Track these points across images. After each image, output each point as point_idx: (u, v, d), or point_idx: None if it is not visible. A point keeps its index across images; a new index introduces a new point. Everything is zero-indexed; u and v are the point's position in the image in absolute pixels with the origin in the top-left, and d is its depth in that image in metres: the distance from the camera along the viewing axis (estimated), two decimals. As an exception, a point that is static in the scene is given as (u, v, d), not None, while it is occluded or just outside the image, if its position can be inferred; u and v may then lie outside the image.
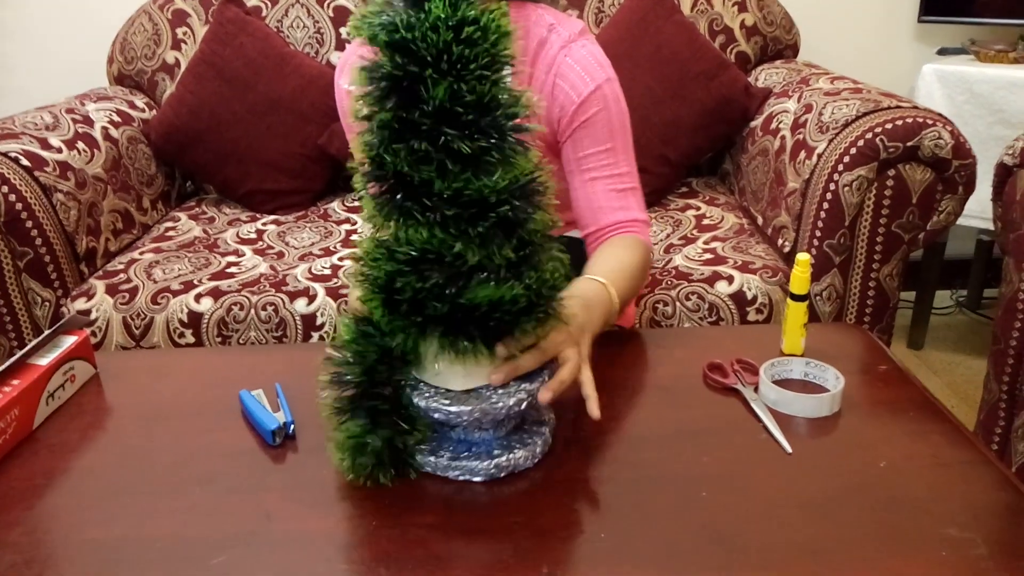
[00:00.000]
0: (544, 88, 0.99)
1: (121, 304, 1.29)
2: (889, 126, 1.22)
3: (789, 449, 0.75)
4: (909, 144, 1.21)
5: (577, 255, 0.96)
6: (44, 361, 0.85)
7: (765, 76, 1.73)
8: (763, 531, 0.64)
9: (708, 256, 1.36)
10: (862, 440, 0.76)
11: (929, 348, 2.02)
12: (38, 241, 1.28)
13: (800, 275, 0.90)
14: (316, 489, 0.70)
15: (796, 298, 0.90)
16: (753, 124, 1.63)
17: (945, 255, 2.02)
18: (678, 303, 1.26)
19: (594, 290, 0.86)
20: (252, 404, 0.82)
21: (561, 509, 0.67)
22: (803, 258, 0.90)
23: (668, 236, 1.48)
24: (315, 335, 1.27)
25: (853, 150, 1.24)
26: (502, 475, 0.70)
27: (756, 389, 0.84)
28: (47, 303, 1.31)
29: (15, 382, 0.80)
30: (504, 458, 0.70)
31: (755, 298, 1.27)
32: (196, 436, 0.79)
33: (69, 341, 0.89)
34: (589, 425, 0.78)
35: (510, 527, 0.65)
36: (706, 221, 1.54)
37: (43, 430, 0.82)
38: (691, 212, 1.60)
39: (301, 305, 1.28)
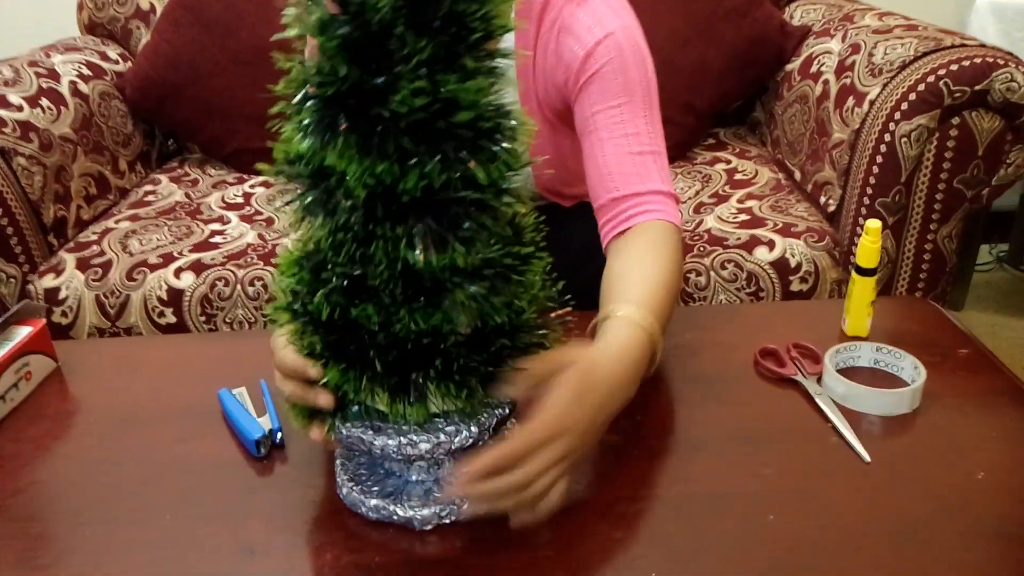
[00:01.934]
0: (549, 48, 0.84)
1: (94, 281, 1.17)
2: (954, 67, 1.07)
3: (867, 457, 0.63)
4: (977, 88, 1.07)
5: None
6: (-9, 358, 0.73)
7: (802, 13, 1.57)
8: (846, 568, 0.53)
9: (744, 217, 1.23)
10: (951, 444, 0.64)
11: (969, 309, 1.89)
12: (-2, 211, 1.15)
13: (870, 245, 0.77)
14: (307, 514, 0.60)
15: (864, 272, 0.78)
16: (789, 67, 1.48)
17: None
18: (712, 273, 1.14)
19: (629, 349, 0.62)
20: (233, 407, 0.70)
21: (598, 538, 0.56)
22: (874, 225, 0.77)
23: (697, 194, 1.35)
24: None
25: (912, 96, 1.09)
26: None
27: (819, 380, 0.72)
28: (12, 280, 1.19)
29: (-46, 385, 0.69)
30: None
31: (799, 266, 1.14)
32: (169, 446, 0.68)
33: (22, 333, 0.77)
34: (623, 428, 0.66)
35: (540, 565, 0.54)
36: (738, 176, 1.40)
37: (-8, 439, 0.70)
38: (720, 166, 1.45)
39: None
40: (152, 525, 0.59)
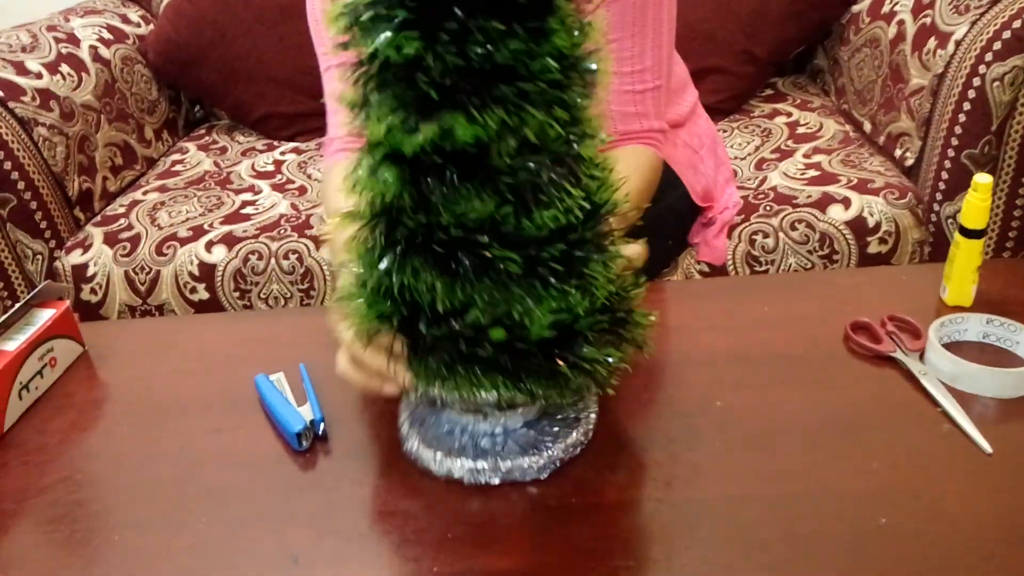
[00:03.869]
0: None
1: (122, 256, 1.12)
2: (1056, 0, 0.95)
3: (988, 448, 0.55)
4: (1083, 22, 0.95)
5: None
6: (12, 345, 0.68)
7: (869, -52, 1.43)
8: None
9: (813, 173, 1.13)
10: (1086, 432, 0.56)
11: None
12: (20, 185, 1.10)
13: (979, 203, 0.68)
14: (355, 515, 0.54)
15: (970, 233, 0.69)
16: (857, 8, 1.36)
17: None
18: (781, 234, 1.04)
19: None
20: (272, 396, 0.64)
21: (682, 542, 0.48)
22: (984, 181, 0.67)
23: (757, 149, 1.25)
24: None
25: (1006, 33, 0.98)
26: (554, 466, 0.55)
27: (921, 357, 0.64)
28: (39, 256, 1.14)
29: (-27, 375, 0.64)
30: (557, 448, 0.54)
31: (878, 225, 1.04)
32: (203, 437, 0.63)
33: (45, 316, 0.72)
34: (702, 415, 0.59)
35: (617, 575, 0.47)
36: (801, 129, 1.29)
37: (17, 431, 0.66)
38: (781, 119, 1.35)
39: (329, 252, 1.09)
40: (188, 530, 0.54)
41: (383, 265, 0.45)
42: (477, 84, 0.39)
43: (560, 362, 0.46)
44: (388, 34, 0.39)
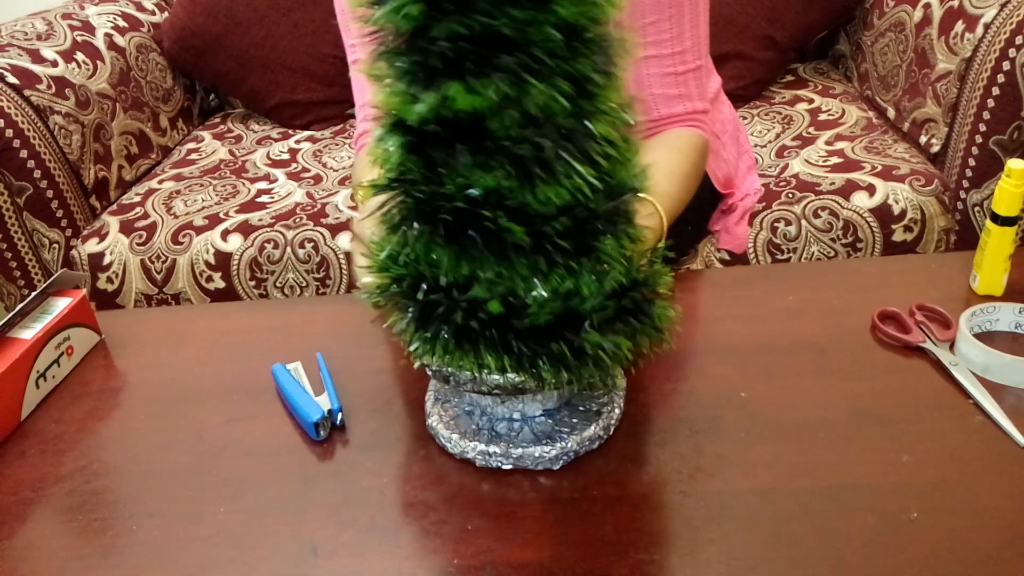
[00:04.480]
0: None
1: (138, 245, 1.12)
2: (1091, -20, 0.93)
3: (1022, 441, 0.53)
4: (1119, 3, 0.92)
5: None
6: (28, 334, 0.68)
7: (893, -70, 1.40)
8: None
9: (836, 160, 1.11)
10: (1125, 425, 0.54)
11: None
12: (36, 173, 1.10)
13: (1013, 189, 0.66)
14: (374, 505, 0.53)
15: (1003, 221, 0.67)
16: (881, -8, 1.33)
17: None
18: (803, 221, 1.02)
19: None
20: (289, 385, 0.64)
21: (706, 536, 0.47)
22: (1018, 166, 0.65)
23: (778, 136, 1.23)
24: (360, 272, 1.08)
25: (1038, 15, 0.95)
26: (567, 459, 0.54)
27: (951, 348, 0.62)
28: (56, 245, 1.14)
29: (-8, 364, 0.63)
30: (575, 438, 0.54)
31: (903, 212, 1.02)
32: (221, 427, 0.62)
33: (61, 304, 0.72)
34: (726, 406, 0.57)
35: (643, 569, 0.46)
36: (823, 116, 1.27)
37: (34, 420, 0.66)
38: (802, 106, 1.32)
39: (345, 241, 1.08)
40: (206, 520, 0.53)
41: (394, 234, 0.45)
42: (479, 53, 0.38)
43: (563, 346, 0.45)
44: (393, 4, 0.38)
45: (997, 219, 0.67)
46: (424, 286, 0.45)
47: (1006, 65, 0.98)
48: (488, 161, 0.40)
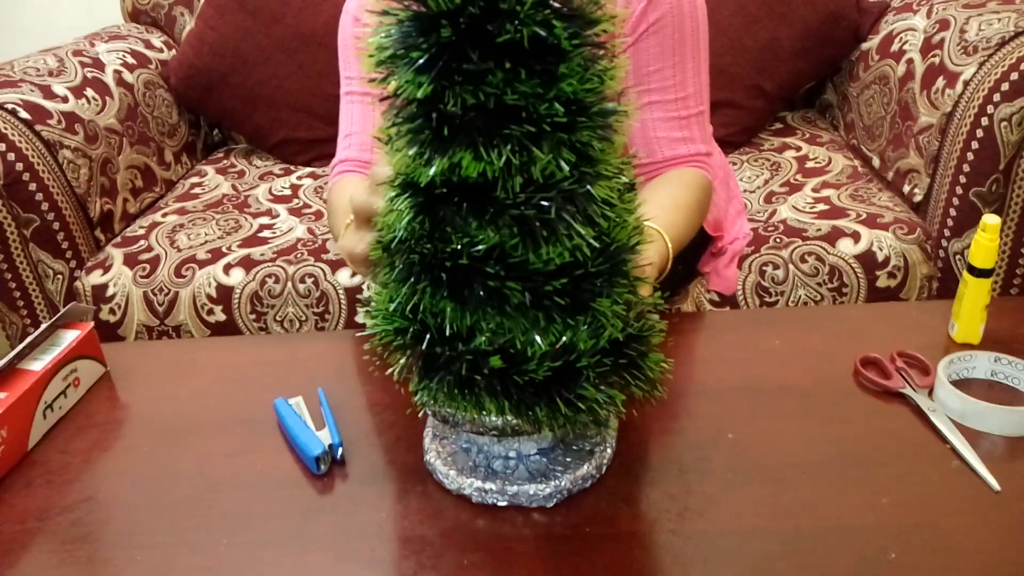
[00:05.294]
0: None
1: (142, 277, 1.14)
2: (1063, 43, 0.97)
3: (996, 486, 0.56)
4: (1090, 65, 0.97)
5: None
6: (38, 365, 0.69)
7: (878, -13, 1.46)
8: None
9: (822, 207, 1.14)
10: (1095, 471, 0.56)
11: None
12: (44, 206, 1.12)
13: (987, 243, 0.69)
14: (373, 540, 0.55)
15: (979, 273, 0.70)
16: (866, 46, 1.38)
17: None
18: (791, 266, 1.06)
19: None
20: (291, 419, 0.65)
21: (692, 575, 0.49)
22: (992, 221, 0.69)
23: (767, 183, 1.26)
24: (361, 312, 1.10)
25: (1014, 75, 1.00)
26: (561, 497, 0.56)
27: (930, 394, 0.65)
28: (60, 276, 1.16)
29: (2, 395, 0.65)
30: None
31: (887, 260, 1.05)
32: (224, 460, 0.64)
33: (70, 337, 0.74)
34: (712, 446, 0.60)
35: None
36: (810, 164, 1.31)
37: (41, 450, 0.67)
38: (790, 153, 1.37)
39: (344, 276, 1.11)
40: (208, 551, 0.55)
41: (400, 286, 0.47)
42: (488, 123, 0.41)
43: (558, 399, 0.47)
44: (408, 74, 0.41)
45: (974, 271, 0.70)
46: (428, 336, 0.47)
47: (984, 120, 1.02)
48: (493, 222, 0.42)
